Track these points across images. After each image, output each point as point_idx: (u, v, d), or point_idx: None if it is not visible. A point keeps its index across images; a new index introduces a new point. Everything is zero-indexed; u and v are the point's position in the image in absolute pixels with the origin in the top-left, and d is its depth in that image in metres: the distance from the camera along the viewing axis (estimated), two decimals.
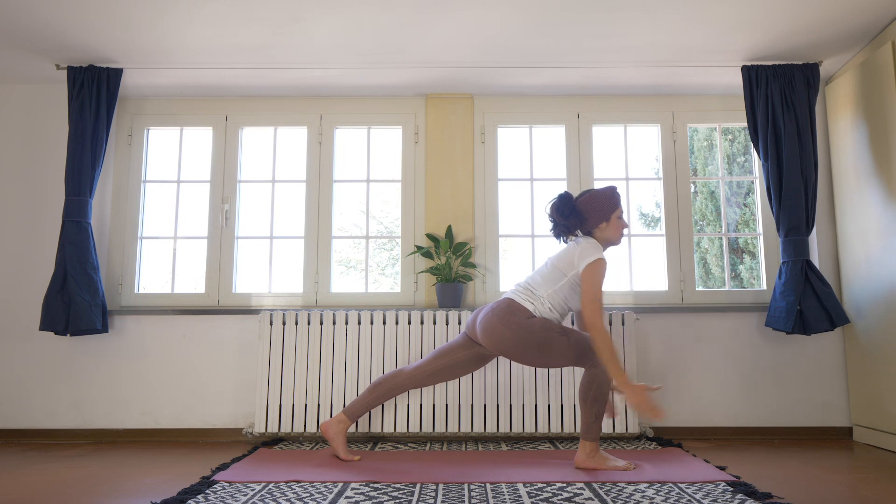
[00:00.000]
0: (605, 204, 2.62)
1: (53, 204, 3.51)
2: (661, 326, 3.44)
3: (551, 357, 2.49)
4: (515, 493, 2.12)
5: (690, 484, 2.24)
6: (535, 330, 2.47)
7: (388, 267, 6.84)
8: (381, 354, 3.22)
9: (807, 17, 2.94)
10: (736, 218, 6.97)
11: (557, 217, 2.63)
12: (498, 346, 2.52)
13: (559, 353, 2.48)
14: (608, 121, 3.67)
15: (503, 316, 2.51)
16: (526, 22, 2.96)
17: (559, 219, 2.63)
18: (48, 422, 3.36)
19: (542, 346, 2.47)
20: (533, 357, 2.50)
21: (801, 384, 3.37)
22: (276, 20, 2.93)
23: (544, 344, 2.47)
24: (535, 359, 2.51)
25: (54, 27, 2.99)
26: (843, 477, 2.40)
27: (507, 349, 2.51)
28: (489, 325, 2.53)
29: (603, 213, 2.62)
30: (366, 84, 3.56)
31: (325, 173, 3.64)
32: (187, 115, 3.69)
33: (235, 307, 3.48)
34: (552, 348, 2.47)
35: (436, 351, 2.73)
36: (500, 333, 2.50)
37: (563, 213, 2.62)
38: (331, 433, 2.70)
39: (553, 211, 2.65)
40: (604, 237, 2.64)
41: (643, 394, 2.36)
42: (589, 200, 2.63)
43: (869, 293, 3.12)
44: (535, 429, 3.15)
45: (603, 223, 2.62)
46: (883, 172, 3.01)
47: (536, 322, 2.49)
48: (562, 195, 2.65)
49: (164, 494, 2.16)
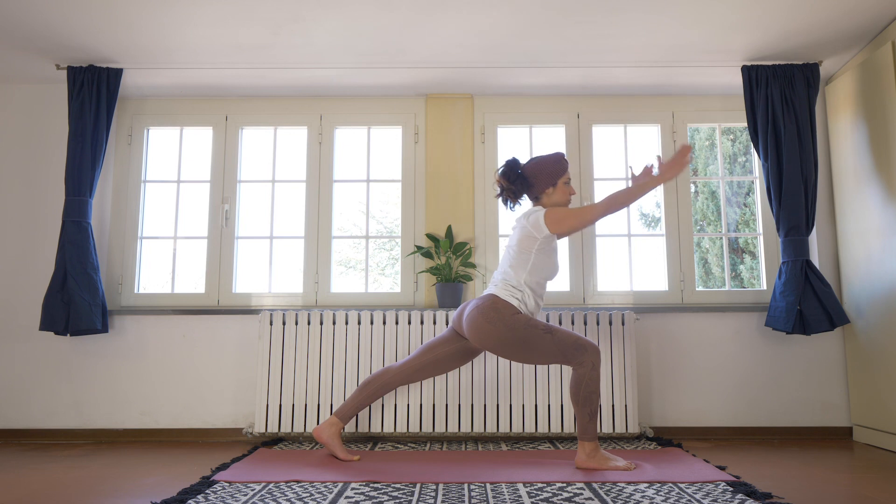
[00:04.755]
0: (552, 169, 2.64)
1: (53, 204, 3.51)
2: (661, 326, 3.44)
3: (536, 354, 2.50)
4: (515, 493, 2.12)
5: (690, 484, 2.24)
6: (518, 327, 2.48)
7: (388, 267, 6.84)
8: (381, 354, 3.22)
9: (807, 16, 2.94)
10: (736, 218, 6.97)
11: (504, 182, 2.67)
12: (483, 342, 2.53)
13: (544, 351, 2.48)
14: (608, 121, 3.67)
15: (487, 313, 2.52)
16: (526, 22, 2.96)
17: (506, 184, 2.67)
18: (48, 422, 3.36)
19: (525, 343, 2.48)
20: (518, 354, 2.52)
21: (801, 384, 3.37)
22: (276, 20, 2.93)
23: (528, 341, 2.48)
24: (520, 356, 2.52)
25: (54, 27, 2.99)
26: (843, 477, 2.40)
27: (491, 346, 2.53)
28: (474, 323, 2.54)
29: (549, 179, 2.63)
30: (366, 84, 3.56)
31: (325, 173, 3.64)
32: (187, 115, 3.69)
33: (235, 307, 3.48)
34: (536, 346, 2.48)
35: (423, 346, 2.74)
36: (484, 331, 2.51)
37: (510, 178, 2.65)
38: (324, 437, 2.69)
39: (501, 177, 2.68)
40: (551, 202, 2.66)
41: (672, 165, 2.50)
42: (535, 166, 2.65)
43: (869, 293, 3.12)
44: (535, 429, 3.15)
45: (549, 188, 2.65)
46: (883, 172, 3.01)
47: (521, 319, 2.50)
48: (509, 161, 2.69)
49: (164, 494, 2.16)
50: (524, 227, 2.58)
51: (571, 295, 3.51)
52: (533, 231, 2.56)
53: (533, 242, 2.57)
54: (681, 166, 2.50)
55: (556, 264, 2.65)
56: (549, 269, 2.61)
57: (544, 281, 2.63)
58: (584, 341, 2.49)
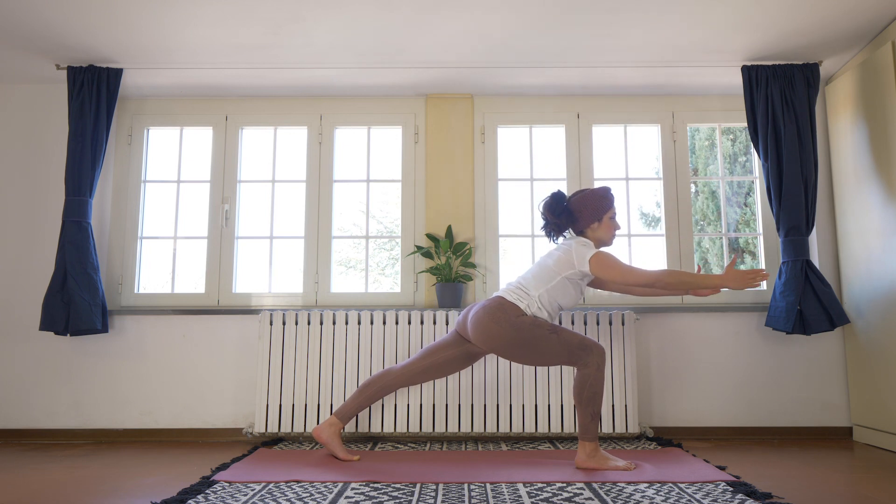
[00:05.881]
0: (598, 204, 2.63)
1: (53, 204, 3.51)
2: (661, 326, 3.44)
3: (541, 355, 2.50)
4: (515, 493, 2.12)
5: (690, 484, 2.24)
6: (524, 328, 2.48)
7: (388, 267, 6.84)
8: (381, 354, 3.22)
9: (807, 17, 2.94)
10: (736, 218, 6.97)
11: (549, 216, 2.65)
12: (488, 343, 2.53)
13: (549, 352, 2.48)
14: (608, 121, 3.67)
15: (494, 313, 2.51)
16: (526, 22, 2.96)
17: (551, 217, 2.65)
18: (48, 422, 3.36)
19: (531, 344, 2.48)
20: (523, 355, 2.51)
21: (801, 384, 3.37)
22: (276, 20, 2.94)
23: (534, 342, 2.48)
24: (526, 357, 2.52)
25: (54, 27, 2.99)
26: (843, 477, 2.40)
27: (497, 347, 2.52)
28: (480, 323, 2.53)
29: (595, 214, 2.63)
30: (366, 84, 3.56)
31: (325, 173, 3.64)
32: (187, 115, 3.69)
33: (235, 307, 3.48)
34: (542, 346, 2.48)
35: (425, 349, 2.74)
36: (490, 331, 2.50)
37: (555, 212, 2.63)
38: (324, 437, 2.69)
39: (545, 209, 2.66)
40: (595, 237, 2.65)
41: (737, 276, 2.46)
42: (581, 200, 2.64)
43: (869, 293, 3.12)
44: (535, 429, 3.15)
45: (595, 223, 2.64)
46: (883, 172, 3.01)
47: (526, 320, 2.50)
48: (554, 194, 2.66)
49: (164, 494, 2.16)
50: (567, 252, 2.57)
51: None
52: (574, 260, 2.55)
53: (567, 268, 2.56)
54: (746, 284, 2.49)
55: (577, 299, 2.63)
56: (568, 298, 2.60)
57: (557, 306, 2.60)
58: (590, 342, 2.49)
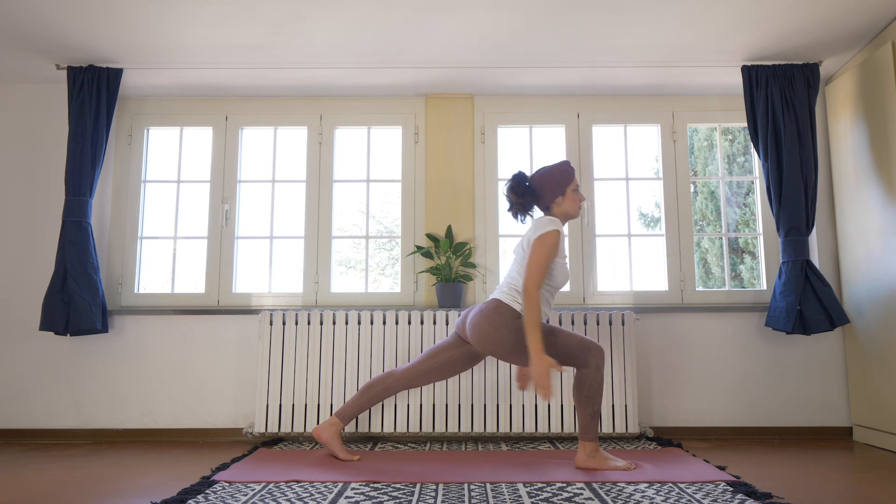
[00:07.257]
0: (559, 178, 2.62)
1: (53, 204, 3.51)
2: (661, 326, 3.44)
3: None
4: (515, 493, 2.12)
5: (690, 484, 2.24)
6: (522, 331, 2.48)
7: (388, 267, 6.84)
8: (381, 354, 3.22)
9: (807, 17, 2.94)
10: (736, 218, 6.97)
11: (513, 197, 2.65)
12: (486, 347, 2.52)
13: (548, 354, 2.48)
14: (608, 121, 3.67)
15: (491, 317, 2.51)
16: (526, 22, 2.96)
17: (515, 198, 2.65)
18: (48, 422, 3.36)
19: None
20: (522, 358, 2.51)
21: (801, 384, 3.37)
22: (276, 20, 2.94)
23: None
24: (525, 359, 2.51)
25: (54, 27, 2.99)
26: (843, 477, 2.40)
27: (495, 350, 2.52)
28: (477, 327, 2.53)
29: (558, 188, 2.62)
30: (366, 84, 3.56)
31: (325, 173, 3.64)
32: (187, 115, 3.69)
33: (235, 307, 3.48)
34: None
35: (427, 351, 2.74)
36: (488, 335, 2.50)
37: (518, 192, 2.64)
38: (324, 437, 2.69)
39: (509, 191, 2.66)
40: (561, 211, 2.64)
41: (546, 368, 2.32)
42: (543, 177, 2.64)
43: (869, 293, 3.12)
44: (535, 429, 3.15)
45: (559, 198, 2.63)
46: (883, 172, 3.01)
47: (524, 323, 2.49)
48: (515, 175, 2.67)
49: (164, 494, 2.16)
50: (529, 233, 2.58)
51: (571, 295, 3.51)
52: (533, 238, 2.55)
53: None
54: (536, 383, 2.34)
55: (564, 272, 2.60)
56: (556, 277, 2.59)
57: (552, 288, 2.59)
58: (589, 342, 2.49)
